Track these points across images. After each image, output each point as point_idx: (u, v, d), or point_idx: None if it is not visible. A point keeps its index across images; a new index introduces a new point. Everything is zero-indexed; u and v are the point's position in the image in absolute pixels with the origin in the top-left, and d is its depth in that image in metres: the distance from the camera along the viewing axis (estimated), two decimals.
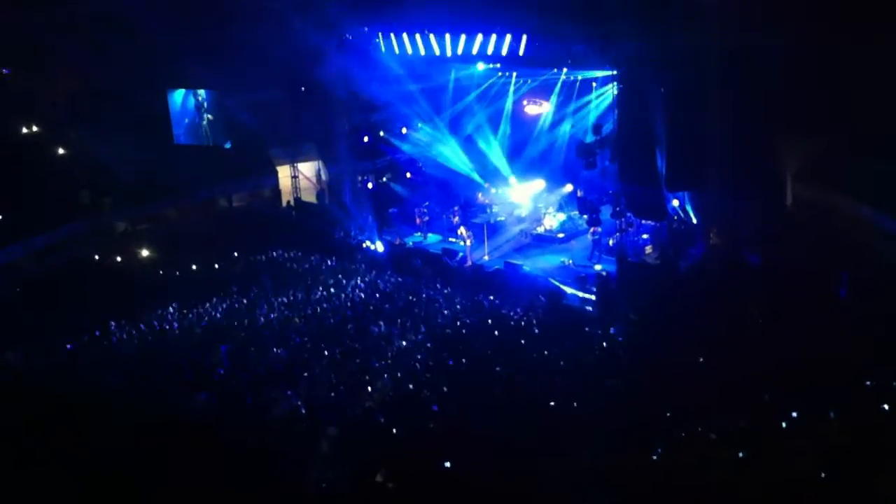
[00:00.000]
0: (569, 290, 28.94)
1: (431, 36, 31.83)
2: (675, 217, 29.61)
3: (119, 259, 34.79)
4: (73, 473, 17.06)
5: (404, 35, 32.49)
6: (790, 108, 27.25)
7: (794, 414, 17.57)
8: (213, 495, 16.15)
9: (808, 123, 27.70)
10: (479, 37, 30.84)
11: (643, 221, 30.98)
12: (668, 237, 29.96)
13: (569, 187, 35.66)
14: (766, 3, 27.76)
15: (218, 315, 27.87)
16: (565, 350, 23.34)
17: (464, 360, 22.91)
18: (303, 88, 38.44)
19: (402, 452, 17.94)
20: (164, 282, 31.75)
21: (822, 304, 23.84)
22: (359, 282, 30.86)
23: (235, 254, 34.15)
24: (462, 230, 33.50)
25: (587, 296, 28.31)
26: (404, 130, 38.81)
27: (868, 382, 19.00)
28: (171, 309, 28.34)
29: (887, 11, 24.96)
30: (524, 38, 29.89)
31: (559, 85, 34.76)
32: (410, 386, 21.52)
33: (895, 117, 25.02)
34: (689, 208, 30.11)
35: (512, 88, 36.76)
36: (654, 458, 16.81)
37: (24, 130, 40.08)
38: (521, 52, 30.29)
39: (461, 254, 32.84)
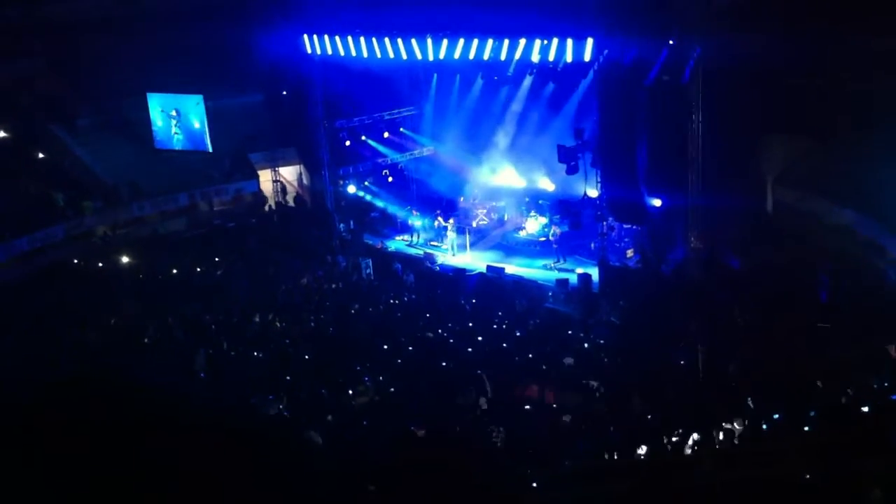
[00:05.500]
0: (550, 293, 29.03)
1: (413, 40, 31.73)
2: (657, 220, 29.69)
3: (100, 264, 34.57)
4: (64, 473, 16.88)
5: (386, 39, 32.39)
6: (772, 112, 27.38)
7: (776, 416, 17.61)
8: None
9: (790, 127, 27.84)
10: (461, 41, 30.75)
11: (624, 225, 31.07)
12: (650, 241, 30.04)
13: (550, 187, 35.72)
14: (751, 6, 27.93)
15: (204, 319, 27.74)
16: (547, 353, 23.32)
17: (444, 364, 22.86)
18: (284, 92, 38.37)
19: (386, 456, 17.84)
20: (144, 286, 31.56)
21: (803, 308, 23.92)
22: (340, 285, 30.81)
23: (217, 258, 34.00)
24: (451, 233, 33.62)
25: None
26: (386, 135, 38.79)
27: (848, 384, 19.05)
28: (151, 313, 28.20)
29: (873, 16, 25.09)
30: (506, 41, 29.72)
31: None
32: (392, 389, 21.45)
33: (877, 122, 25.15)
34: (670, 211, 30.19)
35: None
36: (637, 460, 16.79)
37: (3, 134, 39.77)
38: (502, 57, 30.25)
39: (443, 257, 32.87)
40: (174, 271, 32.85)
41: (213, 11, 38.32)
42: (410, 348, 24.19)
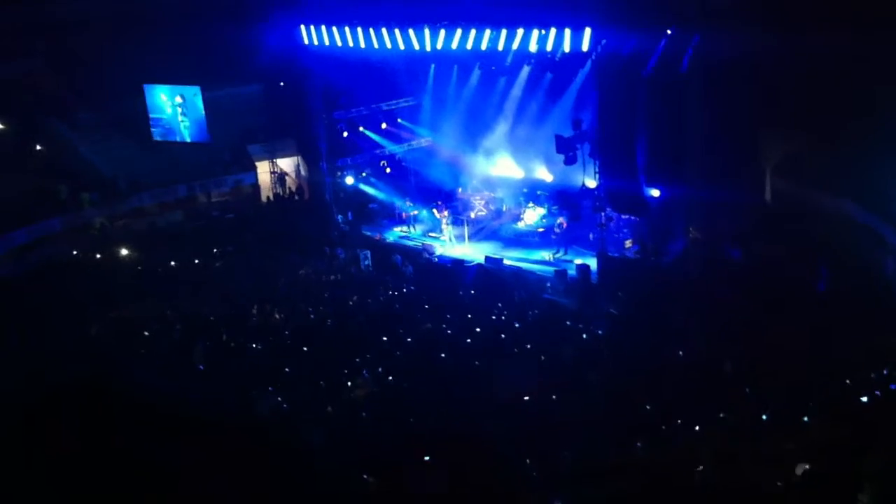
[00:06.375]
0: (548, 285, 29.03)
1: (411, 31, 31.67)
2: (656, 211, 29.68)
3: (98, 256, 34.56)
4: (63, 470, 16.83)
5: (383, 30, 32.31)
6: (771, 103, 27.33)
7: (776, 407, 17.61)
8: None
9: (789, 119, 27.78)
10: (459, 31, 30.67)
11: (623, 216, 31.05)
12: (649, 232, 30.02)
13: (548, 177, 35.74)
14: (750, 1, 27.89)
15: (203, 311, 27.72)
16: (545, 344, 23.30)
17: (443, 355, 22.84)
18: (281, 83, 38.29)
19: (384, 448, 17.84)
20: (143, 278, 31.54)
21: (802, 299, 23.92)
22: (339, 277, 30.81)
23: (215, 250, 33.98)
24: (449, 224, 33.68)
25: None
26: (384, 126, 38.74)
27: (846, 375, 19.05)
28: (150, 305, 28.19)
29: (872, 12, 25.02)
30: (503, 31, 29.65)
31: None
32: (390, 378, 21.44)
33: (877, 113, 25.10)
34: (669, 202, 30.15)
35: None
36: (636, 453, 16.79)
37: (2, 126, 39.74)
38: (500, 47, 30.18)
39: (441, 248, 32.87)
40: (172, 263, 32.83)
41: (210, 3, 38.24)
42: (409, 340, 24.17)
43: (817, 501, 13.47)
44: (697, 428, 17.37)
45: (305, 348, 23.97)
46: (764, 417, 17.41)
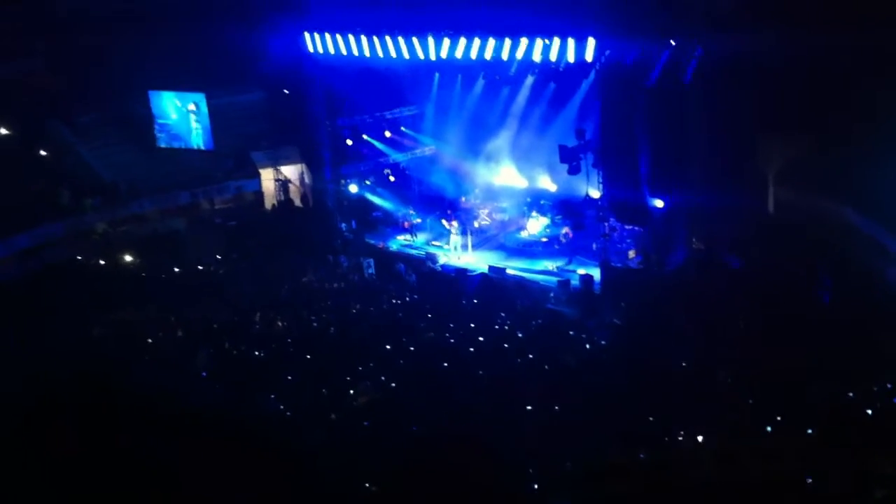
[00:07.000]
0: (552, 294, 29.00)
1: (415, 39, 31.70)
2: (659, 221, 29.66)
3: (101, 261, 34.53)
4: (68, 470, 16.80)
5: (387, 38, 32.35)
6: (773, 111, 27.33)
7: (778, 417, 17.57)
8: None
9: (791, 126, 27.78)
10: (463, 40, 30.68)
11: (626, 226, 31.05)
12: (652, 242, 29.99)
13: (551, 187, 35.76)
14: (751, 4, 27.87)
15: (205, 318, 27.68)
16: (549, 353, 23.26)
17: (446, 364, 22.80)
18: (285, 91, 38.30)
19: (386, 456, 17.82)
20: (145, 284, 31.51)
21: (805, 309, 23.87)
22: (342, 285, 30.79)
23: (218, 257, 33.96)
24: (455, 233, 33.66)
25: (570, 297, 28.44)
26: (388, 134, 38.76)
27: (850, 385, 19.01)
28: (152, 311, 28.17)
29: (877, 15, 25.02)
30: (507, 41, 29.67)
31: None
32: (393, 384, 21.40)
33: (879, 120, 25.10)
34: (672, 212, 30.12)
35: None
36: (638, 461, 16.76)
37: (4, 131, 39.76)
38: (504, 57, 30.21)
39: (445, 257, 32.86)
40: (175, 270, 32.80)
41: (214, 9, 38.28)
42: (412, 348, 24.13)
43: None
44: (700, 438, 17.34)
45: (308, 356, 23.94)
46: (769, 429, 17.39)
